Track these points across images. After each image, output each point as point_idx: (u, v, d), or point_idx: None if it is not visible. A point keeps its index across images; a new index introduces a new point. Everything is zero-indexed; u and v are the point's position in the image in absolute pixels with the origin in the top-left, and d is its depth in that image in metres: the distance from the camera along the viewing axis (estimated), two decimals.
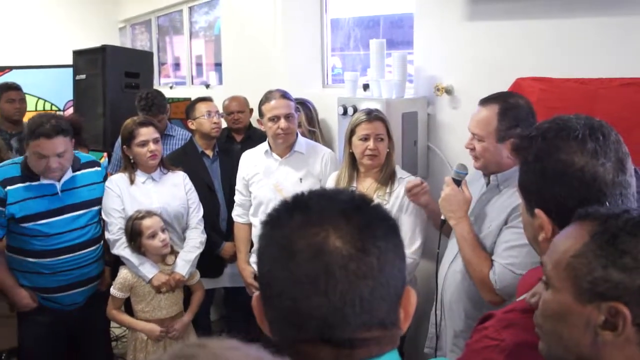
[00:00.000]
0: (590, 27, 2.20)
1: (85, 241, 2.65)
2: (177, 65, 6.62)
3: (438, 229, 2.08)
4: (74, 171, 2.64)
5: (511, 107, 1.82)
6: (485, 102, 1.89)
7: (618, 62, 2.12)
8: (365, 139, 2.33)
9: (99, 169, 2.80)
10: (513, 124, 1.80)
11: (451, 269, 1.97)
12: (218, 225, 3.20)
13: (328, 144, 3.32)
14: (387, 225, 0.76)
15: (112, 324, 3.20)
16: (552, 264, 0.90)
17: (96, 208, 2.71)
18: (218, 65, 5.54)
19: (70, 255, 2.60)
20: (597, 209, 0.91)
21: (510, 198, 1.79)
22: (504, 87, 2.33)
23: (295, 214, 0.75)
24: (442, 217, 1.97)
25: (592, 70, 2.17)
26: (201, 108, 3.27)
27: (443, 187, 1.94)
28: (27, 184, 2.53)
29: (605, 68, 2.14)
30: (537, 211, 1.13)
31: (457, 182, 1.92)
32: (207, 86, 5.36)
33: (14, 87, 4.24)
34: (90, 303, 2.75)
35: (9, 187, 2.50)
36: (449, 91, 2.76)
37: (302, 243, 0.72)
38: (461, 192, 1.89)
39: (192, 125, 3.32)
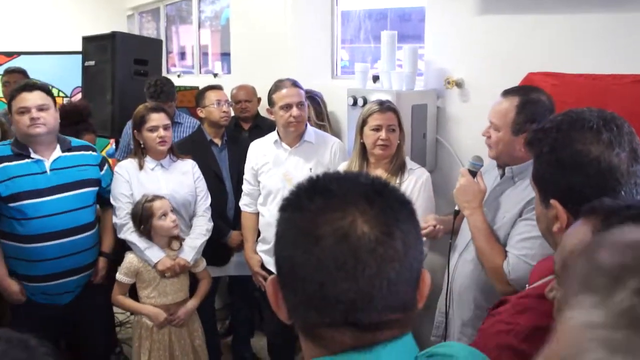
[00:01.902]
0: (602, 23, 2.20)
1: (76, 227, 2.58)
2: (182, 55, 6.61)
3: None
4: (63, 151, 2.62)
5: (531, 102, 1.83)
6: (507, 93, 1.91)
7: (631, 58, 2.12)
8: (377, 129, 2.35)
9: (93, 153, 2.77)
10: (530, 119, 1.80)
11: (462, 258, 1.99)
12: (225, 213, 3.20)
13: (336, 135, 3.31)
14: (407, 208, 0.76)
15: (116, 310, 3.22)
16: (559, 264, 0.90)
17: (87, 190, 2.65)
18: (224, 55, 5.53)
19: (61, 240, 2.53)
20: (602, 202, 0.90)
21: (525, 190, 1.80)
22: (515, 81, 2.33)
23: (316, 198, 0.73)
24: (456, 208, 1.99)
25: (604, 66, 2.17)
26: (211, 96, 3.25)
27: (458, 178, 1.96)
28: (16, 162, 2.51)
29: (617, 64, 2.14)
30: (553, 201, 1.14)
31: (473, 173, 1.94)
32: (215, 75, 5.35)
33: (9, 71, 4.26)
34: (82, 295, 2.69)
35: None
36: (459, 84, 2.76)
37: (326, 228, 0.70)
38: (476, 183, 1.91)
39: (201, 113, 3.29)
